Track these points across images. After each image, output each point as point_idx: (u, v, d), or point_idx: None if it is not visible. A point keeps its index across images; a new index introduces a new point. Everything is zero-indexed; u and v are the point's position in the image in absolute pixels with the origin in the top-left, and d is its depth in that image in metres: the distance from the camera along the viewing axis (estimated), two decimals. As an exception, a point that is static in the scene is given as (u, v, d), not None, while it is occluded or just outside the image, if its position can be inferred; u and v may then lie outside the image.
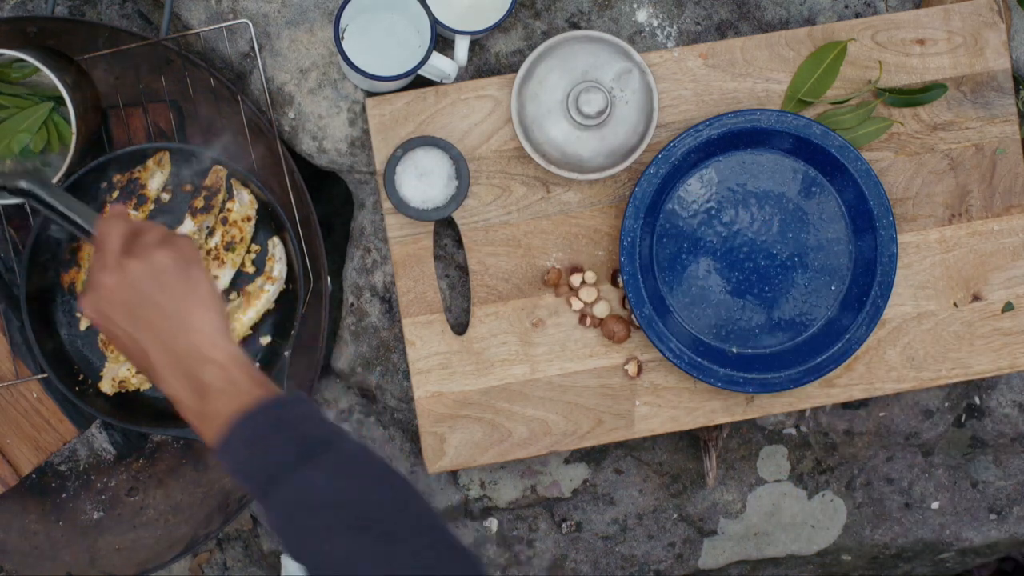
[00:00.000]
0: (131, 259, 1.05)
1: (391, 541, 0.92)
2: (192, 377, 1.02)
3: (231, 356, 1.03)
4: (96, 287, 1.06)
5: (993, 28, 1.45)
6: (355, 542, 0.92)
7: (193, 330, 1.04)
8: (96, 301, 1.06)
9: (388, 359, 1.49)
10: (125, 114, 1.41)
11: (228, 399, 1.00)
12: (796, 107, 1.43)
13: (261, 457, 0.97)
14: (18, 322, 1.42)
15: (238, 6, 1.42)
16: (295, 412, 1.00)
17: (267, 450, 0.97)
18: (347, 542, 0.92)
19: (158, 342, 1.04)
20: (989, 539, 1.63)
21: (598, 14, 1.45)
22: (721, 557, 1.61)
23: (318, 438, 0.98)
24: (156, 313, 1.04)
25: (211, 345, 1.03)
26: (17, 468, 1.44)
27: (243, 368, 1.03)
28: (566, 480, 1.56)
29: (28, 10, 1.47)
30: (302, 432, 0.98)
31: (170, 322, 1.04)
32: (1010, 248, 1.47)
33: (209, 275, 1.08)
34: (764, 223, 1.43)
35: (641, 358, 1.44)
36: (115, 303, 1.05)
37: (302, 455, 0.96)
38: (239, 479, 0.99)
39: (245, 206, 1.39)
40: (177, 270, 1.05)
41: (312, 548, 0.93)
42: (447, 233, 1.46)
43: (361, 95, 1.43)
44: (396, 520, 0.94)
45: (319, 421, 1.00)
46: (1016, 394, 1.57)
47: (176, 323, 1.04)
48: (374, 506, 0.94)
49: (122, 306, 1.05)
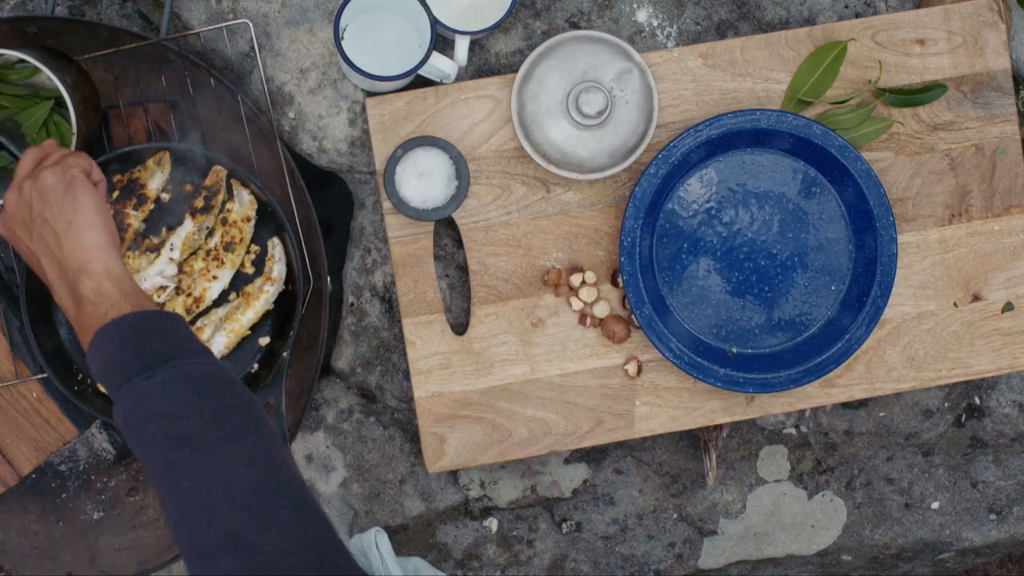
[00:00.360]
0: (27, 180, 1.17)
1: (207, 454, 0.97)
2: (72, 288, 1.12)
3: (107, 270, 1.12)
4: (4, 206, 1.19)
5: (993, 28, 1.45)
6: (173, 453, 0.98)
7: (75, 245, 1.13)
8: (4, 220, 1.19)
9: (388, 359, 1.49)
10: (125, 114, 1.41)
11: (96, 310, 1.08)
12: (796, 107, 1.43)
13: (112, 365, 1.05)
14: (18, 322, 1.42)
15: (238, 6, 1.42)
16: (152, 327, 1.07)
17: (116, 360, 1.05)
18: (164, 452, 0.98)
19: (47, 254, 1.15)
20: (989, 539, 1.63)
21: (598, 14, 1.45)
22: (721, 557, 1.61)
23: (162, 353, 1.04)
24: (45, 228, 1.15)
25: (89, 259, 1.12)
26: (17, 468, 1.44)
27: (117, 282, 1.11)
28: (566, 480, 1.56)
29: (28, 10, 1.47)
30: (150, 346, 1.05)
31: (56, 236, 1.14)
32: (1010, 248, 1.47)
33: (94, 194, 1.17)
34: (764, 223, 1.43)
35: (641, 358, 1.44)
36: (16, 220, 1.17)
37: (143, 367, 1.03)
38: (101, 383, 1.09)
39: (245, 206, 1.39)
40: (62, 188, 1.15)
41: (141, 455, 1.00)
42: (447, 233, 1.46)
43: (361, 95, 1.43)
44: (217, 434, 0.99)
45: (175, 338, 1.07)
46: (1016, 394, 1.57)
47: (61, 237, 1.14)
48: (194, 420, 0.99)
49: (21, 223, 1.17)
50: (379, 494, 1.53)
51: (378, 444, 1.53)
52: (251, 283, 1.40)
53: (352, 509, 1.53)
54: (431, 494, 1.55)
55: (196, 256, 1.40)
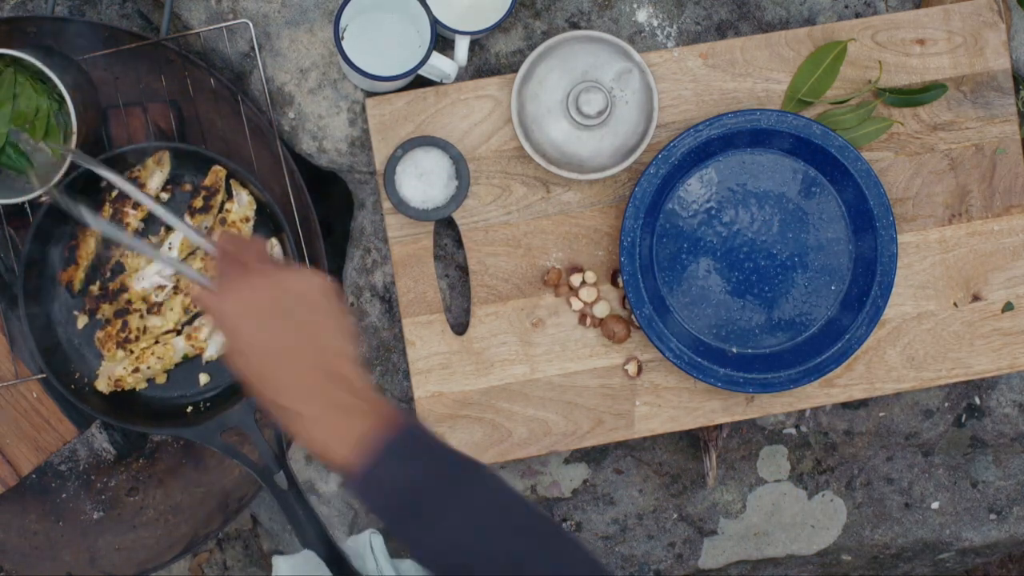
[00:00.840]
0: (281, 271, 1.04)
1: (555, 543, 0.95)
2: (328, 395, 1.00)
3: (368, 382, 1.02)
4: (236, 289, 1.03)
5: (993, 28, 1.45)
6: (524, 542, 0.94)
7: (334, 351, 1.01)
8: (233, 303, 1.03)
9: (388, 359, 1.49)
10: (125, 114, 1.41)
11: (371, 420, 0.98)
12: (796, 107, 1.43)
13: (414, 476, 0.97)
14: (18, 321, 1.42)
15: (238, 6, 1.42)
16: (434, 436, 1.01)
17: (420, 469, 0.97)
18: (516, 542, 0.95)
19: (292, 355, 1.01)
20: (989, 539, 1.63)
21: (598, 14, 1.45)
22: (721, 557, 1.61)
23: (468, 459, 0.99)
24: (296, 326, 1.01)
25: (351, 368, 1.01)
26: (17, 468, 1.44)
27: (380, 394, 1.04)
28: (566, 480, 1.56)
29: (28, 10, 1.47)
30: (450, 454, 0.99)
31: (310, 338, 1.01)
32: (1010, 248, 1.47)
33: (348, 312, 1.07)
34: (764, 223, 1.43)
35: (641, 358, 1.44)
36: (253, 309, 1.02)
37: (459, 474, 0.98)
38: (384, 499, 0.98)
39: (244, 207, 1.39)
40: (323, 291, 1.04)
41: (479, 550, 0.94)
42: (447, 233, 1.46)
43: (361, 95, 1.43)
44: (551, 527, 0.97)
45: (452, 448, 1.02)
46: (1016, 394, 1.57)
47: (317, 340, 1.01)
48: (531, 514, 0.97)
49: (260, 313, 1.02)
50: (379, 494, 1.53)
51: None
52: (251, 283, 1.40)
53: (352, 509, 1.53)
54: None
55: (195, 256, 1.40)
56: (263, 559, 1.64)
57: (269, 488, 1.29)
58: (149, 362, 1.38)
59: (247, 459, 1.32)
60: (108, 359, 1.39)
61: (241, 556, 1.67)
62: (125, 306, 1.38)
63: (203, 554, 1.69)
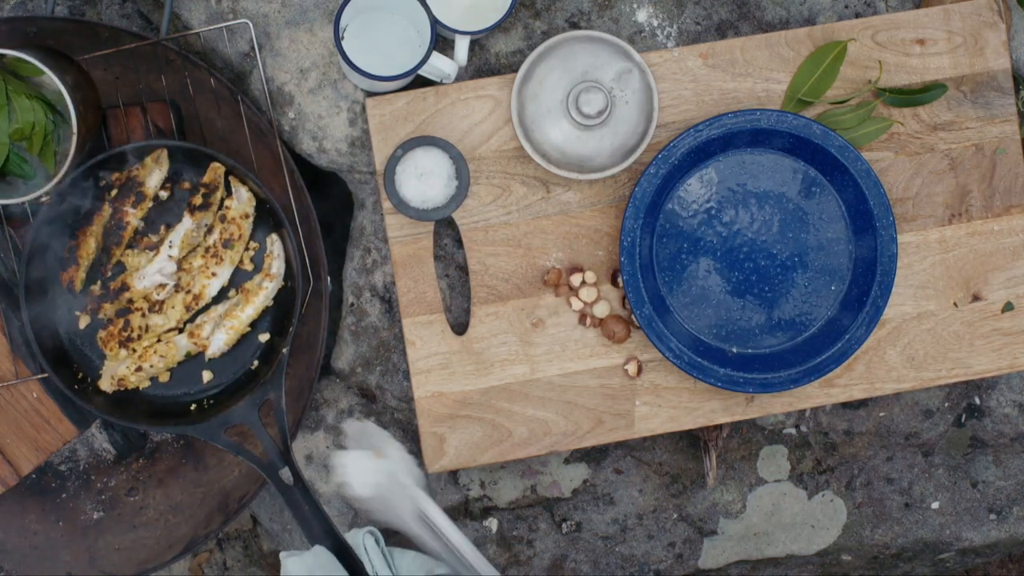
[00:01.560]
0: None
1: None
2: None
3: None
4: None
5: (993, 28, 1.45)
6: None
7: None
8: None
9: (388, 359, 1.49)
10: (125, 113, 1.41)
11: None
12: (796, 107, 1.43)
13: None
14: (18, 322, 1.42)
15: (238, 6, 1.42)
16: None
17: None
18: None
19: None
20: (989, 539, 1.63)
21: (598, 14, 1.45)
22: (721, 557, 1.61)
23: None
24: None
25: None
26: (17, 468, 1.44)
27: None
28: (566, 480, 1.55)
29: (28, 10, 1.47)
30: None
31: None
32: (1010, 248, 1.47)
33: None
34: (764, 223, 1.43)
35: (641, 358, 1.44)
36: None
37: None
38: None
39: (243, 203, 1.39)
40: None
41: None
42: (447, 233, 1.46)
43: (361, 95, 1.44)
44: None
45: None
46: (1016, 394, 1.57)
47: None
48: None
49: None
50: (379, 494, 1.53)
51: (378, 444, 1.53)
52: (250, 280, 1.41)
53: (351, 509, 1.53)
54: (431, 494, 1.55)
55: (195, 253, 1.40)
56: (263, 559, 1.64)
57: (274, 484, 1.29)
58: (152, 360, 1.38)
59: (252, 455, 1.32)
60: (111, 358, 1.39)
61: (241, 556, 1.67)
62: (127, 305, 1.38)
63: (203, 554, 1.68)
